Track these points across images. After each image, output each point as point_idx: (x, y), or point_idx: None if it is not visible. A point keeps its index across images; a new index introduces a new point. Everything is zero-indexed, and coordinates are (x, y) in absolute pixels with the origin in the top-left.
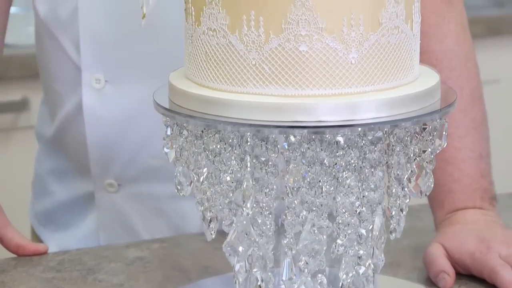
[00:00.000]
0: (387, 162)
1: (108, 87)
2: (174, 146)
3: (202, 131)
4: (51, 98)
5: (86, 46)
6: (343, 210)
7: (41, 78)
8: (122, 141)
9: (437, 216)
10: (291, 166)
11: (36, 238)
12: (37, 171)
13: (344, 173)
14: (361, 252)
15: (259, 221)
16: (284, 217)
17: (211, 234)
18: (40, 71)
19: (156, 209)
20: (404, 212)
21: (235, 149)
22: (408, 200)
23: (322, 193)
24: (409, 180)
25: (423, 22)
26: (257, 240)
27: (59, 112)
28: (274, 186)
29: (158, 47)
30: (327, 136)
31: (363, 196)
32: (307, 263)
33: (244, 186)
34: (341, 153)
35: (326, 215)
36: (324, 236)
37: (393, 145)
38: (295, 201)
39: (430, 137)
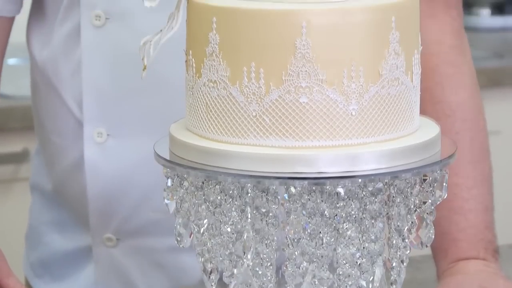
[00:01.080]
0: (387, 213)
1: (111, 140)
2: (174, 198)
3: (203, 182)
4: (49, 149)
5: (89, 101)
6: (344, 261)
7: (37, 129)
8: (123, 195)
9: (439, 265)
10: (291, 217)
11: None
12: (31, 222)
13: (345, 224)
14: None
15: (260, 272)
16: (284, 268)
17: (212, 285)
18: (36, 122)
19: (155, 262)
20: (404, 264)
21: (236, 200)
22: (408, 251)
23: (322, 244)
24: (409, 231)
25: (439, 73)
26: None
27: (58, 164)
28: (275, 237)
29: (161, 101)
30: (327, 187)
31: (364, 247)
32: None
33: (245, 237)
34: (341, 204)
35: (327, 266)
36: None
37: (393, 196)
38: (296, 252)
39: (431, 188)
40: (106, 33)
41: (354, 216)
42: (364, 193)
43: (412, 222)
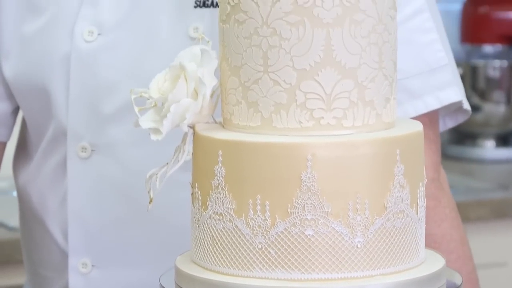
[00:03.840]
0: None
1: (95, 271)
2: None
3: None
4: (36, 282)
5: (74, 231)
6: None
7: (26, 263)
8: None
9: None
10: None
11: None
12: None
13: None
14: None
15: None
16: None
17: None
18: (25, 255)
19: None
20: None
21: None
22: None
23: None
24: None
25: None
26: None
27: None
28: None
29: (146, 232)
30: None
31: None
32: None
33: None
34: None
35: None
36: None
37: None
38: None
39: None
40: (91, 165)
41: None
42: None
43: None
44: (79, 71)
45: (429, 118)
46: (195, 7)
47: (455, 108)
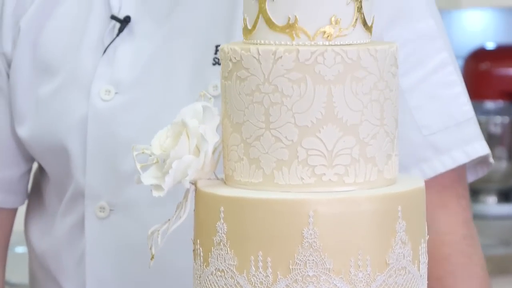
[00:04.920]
0: None
1: None
2: None
3: None
4: None
5: None
6: None
7: None
8: None
9: None
10: None
11: None
12: None
13: None
14: None
15: None
16: None
17: None
18: None
19: None
20: None
21: None
22: None
23: None
24: None
25: (451, 262)
26: None
27: None
28: None
29: None
30: None
31: None
32: None
33: None
34: None
35: None
36: None
37: None
38: None
39: None
40: (110, 225)
41: None
42: None
43: None
44: (97, 131)
45: (457, 174)
46: (213, 64)
47: (477, 161)
